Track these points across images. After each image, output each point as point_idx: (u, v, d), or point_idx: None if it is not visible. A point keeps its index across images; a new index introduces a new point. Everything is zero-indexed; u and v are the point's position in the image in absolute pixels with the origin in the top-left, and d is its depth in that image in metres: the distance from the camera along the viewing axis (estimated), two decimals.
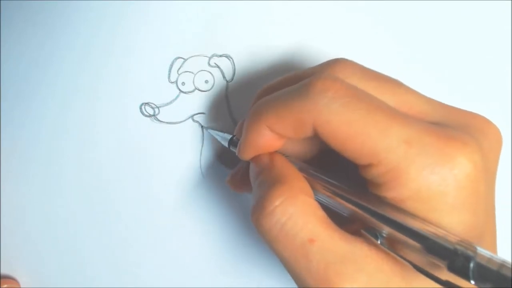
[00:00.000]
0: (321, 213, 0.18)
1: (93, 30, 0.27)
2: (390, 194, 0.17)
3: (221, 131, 0.26)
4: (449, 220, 0.16)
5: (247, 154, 0.21)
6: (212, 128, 0.27)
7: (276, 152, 0.21)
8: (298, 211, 0.17)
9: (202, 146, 0.27)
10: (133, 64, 0.27)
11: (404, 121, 0.17)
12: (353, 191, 0.18)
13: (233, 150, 0.23)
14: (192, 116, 0.27)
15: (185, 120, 0.27)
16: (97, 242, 0.27)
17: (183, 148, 0.27)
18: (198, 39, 0.27)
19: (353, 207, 0.18)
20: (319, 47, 0.27)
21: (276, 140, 0.20)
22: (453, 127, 0.18)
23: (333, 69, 0.20)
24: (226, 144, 0.24)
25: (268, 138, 0.20)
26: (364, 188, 0.18)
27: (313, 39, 0.27)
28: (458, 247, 0.14)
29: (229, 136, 0.24)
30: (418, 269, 0.16)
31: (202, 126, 0.27)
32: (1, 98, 0.27)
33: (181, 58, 0.27)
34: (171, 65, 0.27)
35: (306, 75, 0.19)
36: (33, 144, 0.27)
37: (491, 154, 0.18)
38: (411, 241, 0.16)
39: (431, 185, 0.16)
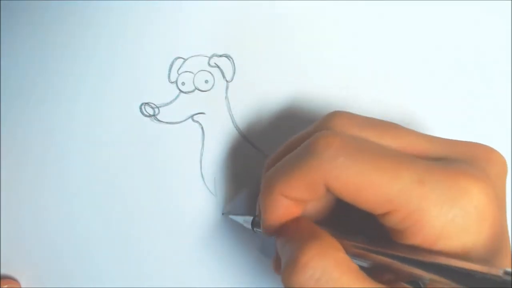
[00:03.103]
0: (354, 266, 0.17)
1: (94, 30, 0.27)
2: (418, 239, 0.17)
3: (242, 214, 0.25)
4: (476, 250, 0.16)
5: (270, 228, 0.20)
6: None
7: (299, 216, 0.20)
8: (331, 265, 0.17)
9: (202, 146, 0.27)
10: (133, 64, 0.27)
11: (412, 163, 0.17)
12: (383, 244, 0.18)
13: (258, 231, 0.23)
14: (192, 116, 0.27)
15: (185, 120, 0.27)
16: (97, 242, 0.27)
17: (183, 148, 0.27)
18: (198, 39, 0.27)
19: (390, 260, 0.17)
20: (319, 47, 0.27)
21: (295, 206, 0.20)
22: (459, 160, 0.18)
23: (331, 123, 0.20)
24: (249, 226, 0.24)
25: (286, 206, 0.19)
26: (390, 239, 0.18)
27: (314, 38, 0.27)
28: (505, 277, 0.14)
29: (250, 219, 0.24)
30: None
31: (223, 213, 0.27)
32: (1, 98, 0.27)
33: (181, 58, 0.27)
34: (171, 65, 0.27)
35: (306, 135, 0.19)
36: (32, 144, 0.27)
37: (499, 181, 0.18)
38: (454, 284, 0.15)
39: (455, 219, 0.16)
